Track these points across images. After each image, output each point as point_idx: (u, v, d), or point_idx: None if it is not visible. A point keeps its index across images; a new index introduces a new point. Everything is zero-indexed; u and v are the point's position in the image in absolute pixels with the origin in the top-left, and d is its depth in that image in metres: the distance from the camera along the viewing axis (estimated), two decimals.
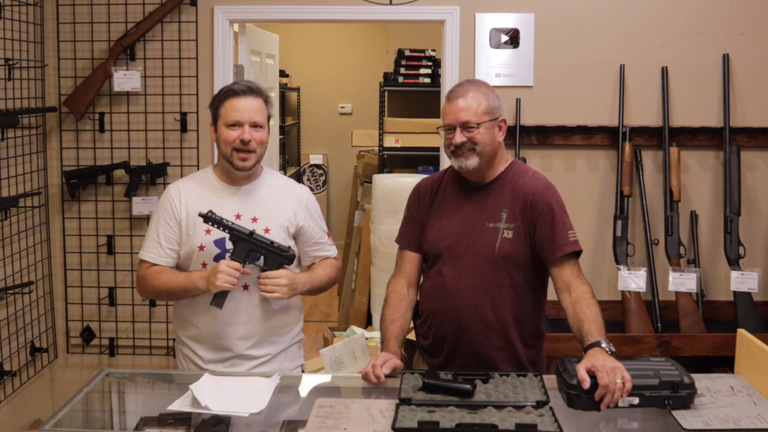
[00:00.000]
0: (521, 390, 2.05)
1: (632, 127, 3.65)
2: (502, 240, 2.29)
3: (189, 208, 2.45)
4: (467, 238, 2.32)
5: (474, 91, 2.30)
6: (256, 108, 2.41)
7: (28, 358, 3.63)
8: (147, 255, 2.47)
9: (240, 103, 2.39)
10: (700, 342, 3.43)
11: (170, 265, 2.47)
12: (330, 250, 2.63)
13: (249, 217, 2.43)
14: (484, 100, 2.30)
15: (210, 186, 2.48)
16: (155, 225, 2.48)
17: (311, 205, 2.57)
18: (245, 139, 2.37)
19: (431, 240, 2.39)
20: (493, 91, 2.36)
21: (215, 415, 1.99)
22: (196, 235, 2.43)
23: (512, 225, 2.30)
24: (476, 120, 2.27)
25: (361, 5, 3.68)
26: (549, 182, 2.37)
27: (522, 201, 2.31)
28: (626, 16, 3.65)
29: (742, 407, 1.99)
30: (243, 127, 2.38)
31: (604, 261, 3.74)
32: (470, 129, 2.27)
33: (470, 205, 2.36)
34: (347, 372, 3.56)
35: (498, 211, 2.32)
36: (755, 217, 3.71)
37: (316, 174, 7.68)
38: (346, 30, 7.60)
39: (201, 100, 3.72)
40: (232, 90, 2.41)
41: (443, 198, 2.42)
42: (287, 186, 2.58)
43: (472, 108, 2.27)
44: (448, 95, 2.34)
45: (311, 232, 2.55)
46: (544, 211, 2.29)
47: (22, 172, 3.53)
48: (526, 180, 2.35)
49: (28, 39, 3.55)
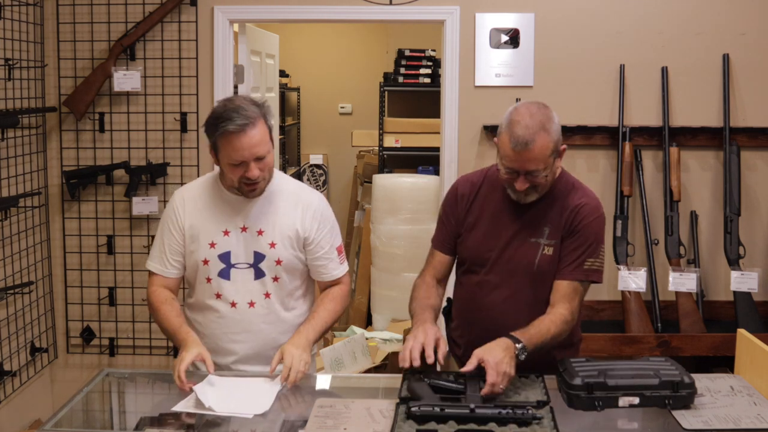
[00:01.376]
0: (522, 390, 2.05)
1: (632, 127, 3.64)
2: (541, 256, 2.26)
3: (192, 218, 2.36)
4: (507, 250, 2.29)
5: (540, 133, 2.11)
6: (257, 141, 2.19)
7: (28, 358, 3.63)
8: (152, 265, 2.41)
9: (240, 142, 2.17)
10: (700, 342, 3.43)
11: (175, 277, 2.40)
12: (337, 270, 2.45)
13: (255, 230, 2.34)
14: (550, 140, 2.13)
15: (217, 195, 2.37)
16: (161, 233, 2.41)
17: (321, 215, 2.40)
18: (251, 178, 2.22)
19: (470, 248, 2.34)
20: (553, 118, 2.17)
21: (216, 416, 1.99)
22: (200, 248, 2.35)
23: (553, 242, 2.26)
24: (543, 166, 2.15)
25: (361, 5, 3.67)
26: (597, 202, 2.31)
27: (565, 217, 2.27)
28: (626, 16, 3.65)
29: (742, 407, 1.99)
30: (247, 164, 2.21)
31: (604, 261, 3.73)
32: (536, 175, 2.16)
33: (514, 217, 2.29)
34: (347, 372, 3.57)
35: (541, 227, 2.28)
36: (755, 217, 3.71)
37: (316, 174, 7.68)
38: (346, 30, 7.59)
39: (201, 100, 3.72)
40: (227, 130, 2.16)
41: (484, 203, 2.35)
42: (298, 193, 2.42)
43: (541, 157, 2.12)
44: (512, 136, 2.12)
45: (318, 245, 2.40)
46: (578, 230, 2.26)
47: (22, 172, 3.53)
48: (575, 196, 2.29)
49: (28, 39, 3.55)
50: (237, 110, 2.18)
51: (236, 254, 2.34)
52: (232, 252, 2.34)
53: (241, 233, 2.34)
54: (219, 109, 2.23)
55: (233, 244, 2.34)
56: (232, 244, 2.34)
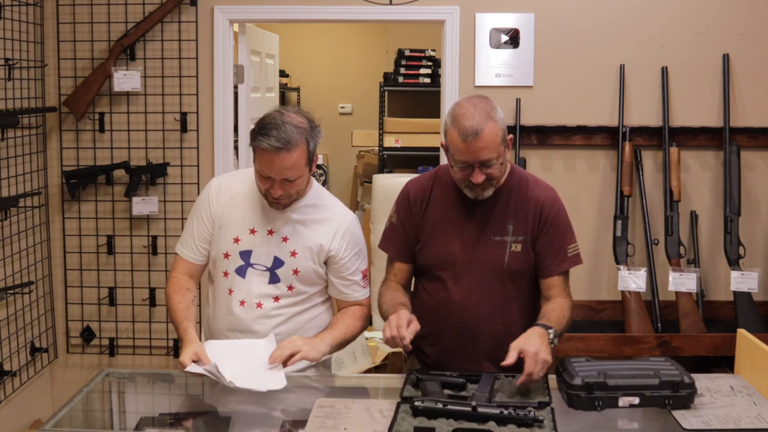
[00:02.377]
0: (525, 390, 2.04)
1: (632, 127, 3.64)
2: (510, 254, 2.25)
3: (224, 209, 2.35)
4: (472, 253, 2.26)
5: (487, 121, 2.12)
6: (288, 165, 2.16)
7: (28, 358, 3.63)
8: (180, 249, 2.42)
9: (269, 162, 2.16)
10: (700, 342, 3.43)
11: (200, 264, 2.40)
12: (359, 293, 2.43)
13: (281, 236, 2.32)
14: (498, 128, 2.14)
15: (251, 194, 2.35)
16: (192, 219, 2.41)
17: (350, 237, 2.37)
18: (274, 196, 2.22)
19: (433, 252, 2.30)
20: (496, 107, 2.18)
21: (216, 416, 1.98)
22: (225, 239, 2.34)
23: (520, 238, 2.25)
24: (496, 155, 2.14)
25: (361, 5, 3.67)
26: (554, 192, 2.32)
27: (528, 212, 2.26)
28: (626, 16, 3.65)
29: (742, 407, 1.99)
30: (273, 181, 2.20)
31: (604, 261, 3.74)
32: (490, 165, 2.15)
33: (473, 217, 2.27)
34: (347, 372, 3.57)
35: (504, 224, 2.26)
36: (755, 217, 3.71)
37: (316, 174, 7.68)
38: (346, 30, 7.59)
39: (201, 100, 3.72)
40: (260, 146, 2.15)
41: (439, 208, 2.31)
42: (332, 209, 2.39)
43: (492, 145, 2.12)
44: (459, 129, 2.12)
45: (342, 266, 2.37)
46: (549, 225, 2.26)
47: (22, 172, 3.53)
48: (531, 190, 2.29)
49: (28, 39, 3.55)
50: (278, 128, 2.15)
51: (257, 255, 2.33)
52: (253, 252, 2.33)
53: (266, 235, 2.33)
54: (266, 118, 2.21)
55: (257, 244, 2.33)
56: (255, 243, 2.33)
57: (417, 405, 1.89)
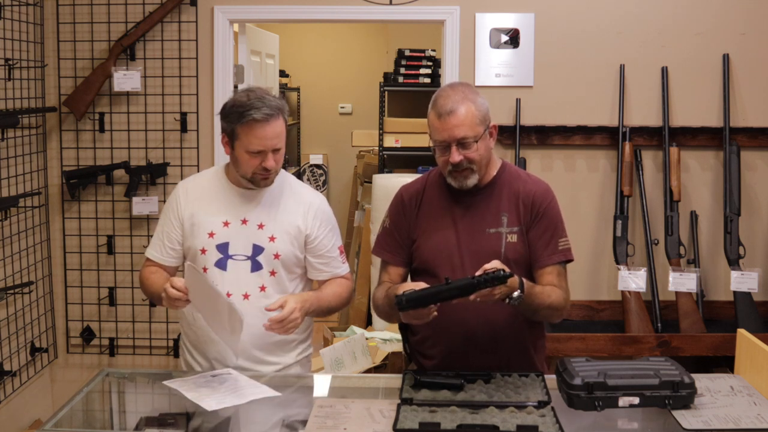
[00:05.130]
0: (523, 390, 2.05)
1: (632, 127, 3.64)
2: (507, 245, 2.24)
3: (194, 208, 2.39)
4: (468, 246, 2.26)
5: (464, 101, 2.16)
6: (278, 132, 2.26)
7: (28, 358, 3.63)
8: (149, 252, 2.47)
9: (264, 131, 2.23)
10: (700, 342, 3.43)
11: (171, 265, 2.45)
12: (339, 268, 2.48)
13: (255, 224, 2.36)
14: (476, 109, 2.17)
15: (220, 188, 2.40)
16: (161, 222, 2.46)
17: (322, 215, 2.44)
18: (268, 167, 2.28)
19: (428, 253, 2.30)
20: (478, 93, 2.23)
21: (216, 416, 1.98)
22: (198, 236, 2.37)
23: (515, 228, 2.26)
24: (473, 134, 2.16)
25: (361, 5, 3.68)
26: (547, 185, 2.33)
27: (522, 203, 2.27)
28: (626, 16, 3.65)
29: (742, 407, 1.99)
30: (266, 154, 2.26)
31: (604, 261, 3.74)
32: (467, 145, 2.16)
33: (466, 212, 2.28)
34: (347, 372, 3.56)
35: (497, 216, 2.26)
36: (755, 217, 3.71)
37: (316, 174, 7.67)
38: (346, 30, 7.59)
39: (201, 100, 3.72)
40: (254, 118, 2.21)
41: (432, 207, 2.32)
42: (300, 192, 2.46)
43: (467, 122, 2.15)
44: (436, 109, 2.18)
45: (319, 244, 2.42)
46: (541, 216, 2.26)
47: (22, 172, 3.53)
48: (524, 182, 2.30)
49: (28, 39, 3.55)
50: (262, 100, 2.24)
51: (235, 246, 2.36)
52: (230, 243, 2.35)
53: (241, 225, 2.36)
54: (242, 98, 2.27)
55: (232, 235, 2.36)
56: (231, 235, 2.36)
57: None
